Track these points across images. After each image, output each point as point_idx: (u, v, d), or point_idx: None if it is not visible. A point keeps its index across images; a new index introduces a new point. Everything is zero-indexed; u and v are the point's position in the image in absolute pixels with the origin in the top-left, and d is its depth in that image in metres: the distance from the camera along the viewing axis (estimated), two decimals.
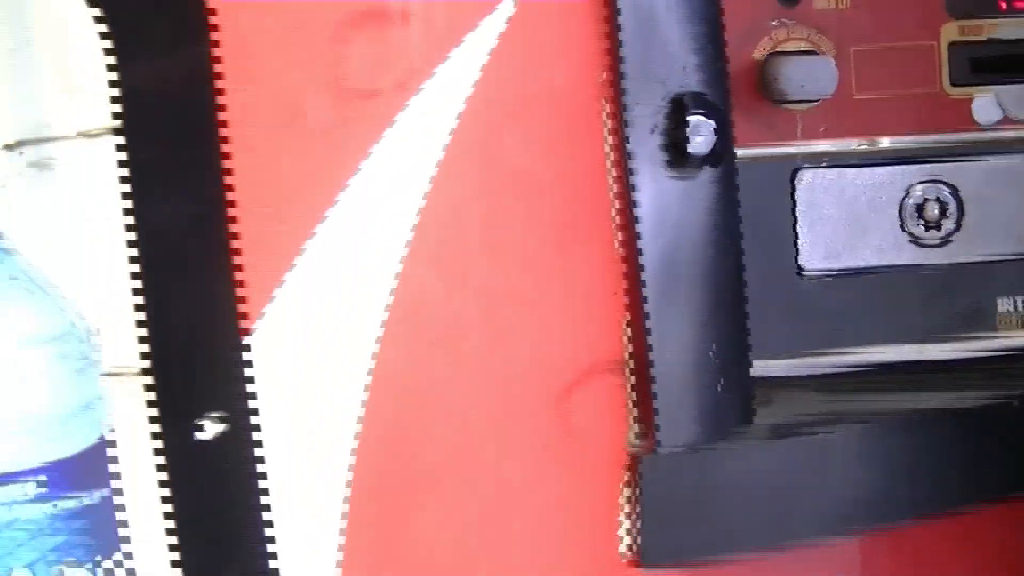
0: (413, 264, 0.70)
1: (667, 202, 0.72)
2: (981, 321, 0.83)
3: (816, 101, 0.79)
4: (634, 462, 0.73)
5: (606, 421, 0.73)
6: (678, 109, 0.72)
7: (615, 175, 0.73)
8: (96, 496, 0.62)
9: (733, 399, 0.74)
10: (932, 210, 0.82)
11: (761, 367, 0.78)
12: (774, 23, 0.79)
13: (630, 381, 0.74)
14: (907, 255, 0.82)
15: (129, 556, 0.64)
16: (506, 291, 0.72)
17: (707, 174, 0.73)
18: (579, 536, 0.74)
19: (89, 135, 0.65)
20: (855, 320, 0.81)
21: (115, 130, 0.64)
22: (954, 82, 0.81)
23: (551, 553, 0.74)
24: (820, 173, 0.80)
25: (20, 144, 0.65)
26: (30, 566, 0.60)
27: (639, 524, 0.74)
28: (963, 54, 0.81)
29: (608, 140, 0.73)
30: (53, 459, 0.60)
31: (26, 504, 0.59)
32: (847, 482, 0.77)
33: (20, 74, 0.65)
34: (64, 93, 0.66)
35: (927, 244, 0.82)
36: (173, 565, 0.66)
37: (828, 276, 0.81)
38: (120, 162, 0.64)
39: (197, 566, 0.66)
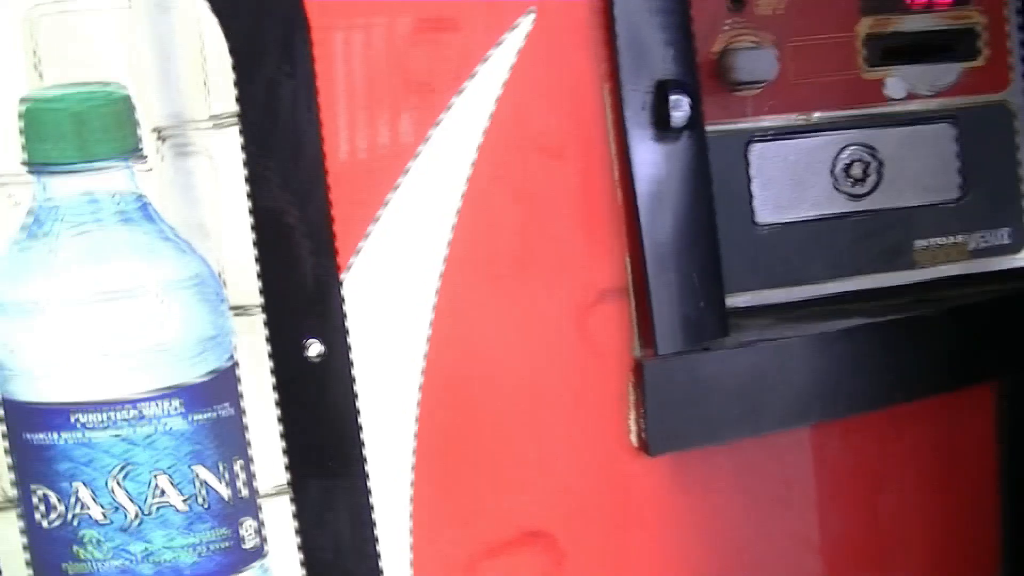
0: (464, 217, 0.76)
1: (655, 162, 0.79)
2: (901, 257, 0.89)
3: (762, 85, 0.85)
4: (638, 368, 0.81)
5: (615, 335, 0.81)
6: (662, 90, 0.79)
7: (615, 142, 0.80)
8: (224, 411, 0.65)
9: (712, 316, 0.82)
10: (857, 169, 0.88)
11: (729, 301, 0.84)
12: (727, 24, 0.85)
13: (632, 303, 0.81)
14: (839, 206, 0.88)
15: (250, 460, 0.67)
16: (537, 234, 0.79)
17: (685, 139, 0.80)
18: (598, 429, 0.82)
19: (218, 123, 0.69)
20: (800, 260, 0.87)
21: (239, 121, 0.68)
22: (869, 66, 0.88)
23: (577, 444, 0.81)
24: (768, 142, 0.86)
25: (164, 131, 0.69)
26: (170, 468, 0.63)
27: (644, 418, 0.81)
28: (875, 44, 0.88)
29: (609, 115, 0.80)
30: (191, 380, 0.63)
31: (169, 417, 0.62)
32: (800, 383, 0.85)
33: (165, 73, 0.69)
34: (199, 88, 0.69)
35: (854, 196, 0.88)
36: (285, 465, 0.71)
37: (777, 225, 0.87)
38: (241, 147, 0.68)
39: (302, 464, 0.71)
